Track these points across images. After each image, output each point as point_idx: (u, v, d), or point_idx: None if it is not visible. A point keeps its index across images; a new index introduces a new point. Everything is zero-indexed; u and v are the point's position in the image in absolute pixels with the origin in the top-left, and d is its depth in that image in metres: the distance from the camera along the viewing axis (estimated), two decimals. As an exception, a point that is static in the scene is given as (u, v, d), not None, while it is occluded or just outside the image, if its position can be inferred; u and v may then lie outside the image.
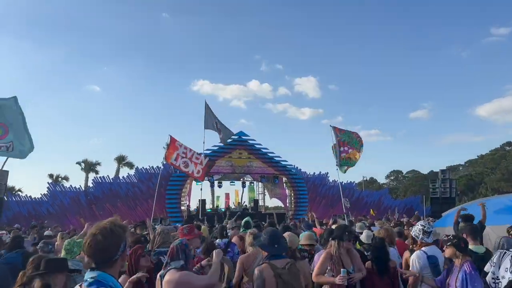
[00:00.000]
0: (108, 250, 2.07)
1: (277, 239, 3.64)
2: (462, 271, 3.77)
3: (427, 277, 4.26)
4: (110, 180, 24.12)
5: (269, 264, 3.45)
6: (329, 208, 25.70)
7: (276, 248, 3.55)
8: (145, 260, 4.38)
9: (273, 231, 3.78)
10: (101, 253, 2.06)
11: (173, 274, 3.15)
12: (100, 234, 2.06)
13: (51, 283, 3.32)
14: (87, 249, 2.07)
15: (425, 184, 42.02)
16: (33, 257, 3.97)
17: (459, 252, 3.89)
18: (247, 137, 25.63)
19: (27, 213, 21.15)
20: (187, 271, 3.22)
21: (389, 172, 69.05)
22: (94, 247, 2.05)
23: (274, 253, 3.53)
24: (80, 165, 44.15)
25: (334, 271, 4.20)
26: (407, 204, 28.59)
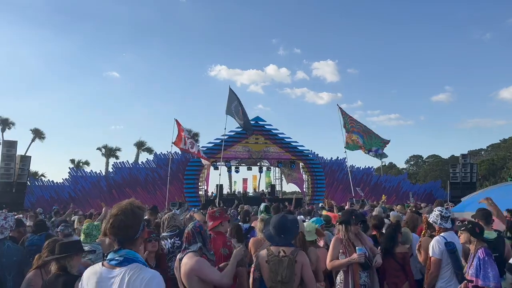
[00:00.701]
0: (131, 228, 2.13)
1: (283, 228, 3.47)
2: (476, 258, 3.71)
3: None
4: (130, 165, 24.53)
5: (267, 249, 3.44)
6: (346, 193, 25.57)
7: (282, 238, 3.44)
8: (152, 245, 4.44)
9: (278, 219, 3.57)
10: (125, 232, 2.11)
11: (191, 257, 3.17)
12: (122, 214, 2.12)
13: (67, 265, 3.40)
14: (110, 229, 2.12)
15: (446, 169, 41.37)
16: (48, 240, 4.07)
17: (474, 238, 3.83)
18: (263, 122, 25.58)
19: (50, 197, 21.73)
20: (203, 259, 3.22)
21: (408, 157, 68.22)
22: (117, 227, 2.10)
23: (280, 243, 3.43)
24: (101, 150, 45.00)
25: (346, 254, 4.18)
26: (426, 189, 28.22)
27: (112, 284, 2.01)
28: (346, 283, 4.16)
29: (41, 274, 3.74)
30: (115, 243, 2.12)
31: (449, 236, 4.35)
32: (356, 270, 4.13)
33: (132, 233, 2.14)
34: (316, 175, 26.10)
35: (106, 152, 44.69)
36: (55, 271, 3.36)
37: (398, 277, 4.62)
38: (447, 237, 4.31)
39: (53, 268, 3.39)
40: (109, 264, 2.07)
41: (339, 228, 4.48)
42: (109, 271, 2.05)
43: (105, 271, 2.06)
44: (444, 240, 4.27)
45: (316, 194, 25.46)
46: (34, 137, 42.78)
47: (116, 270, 2.04)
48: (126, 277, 2.00)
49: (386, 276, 4.66)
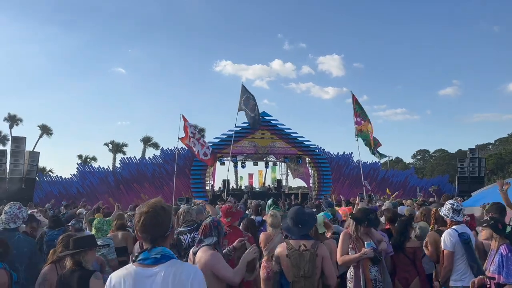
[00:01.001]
0: (163, 225, 2.12)
1: (301, 219, 3.52)
2: (499, 254, 3.63)
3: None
4: (137, 160, 24.66)
5: (286, 243, 3.44)
6: (353, 188, 25.55)
7: (300, 228, 3.47)
8: None
9: (296, 211, 3.65)
10: (158, 229, 2.10)
11: (205, 251, 3.19)
12: (153, 211, 2.11)
13: (82, 260, 3.44)
14: (141, 228, 2.09)
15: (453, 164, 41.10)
16: (62, 236, 4.12)
17: (496, 234, 3.72)
18: (269, 117, 25.54)
19: (58, 193, 21.88)
20: (218, 254, 3.24)
21: (415, 152, 67.87)
22: (150, 224, 2.08)
23: (298, 234, 3.47)
24: (108, 146, 45.36)
25: (356, 250, 4.19)
26: (434, 184, 28.07)
27: (152, 282, 1.97)
28: (356, 278, 4.15)
29: (56, 268, 3.79)
30: (146, 242, 2.08)
31: (460, 228, 4.34)
32: (366, 265, 4.14)
33: (164, 230, 2.13)
34: (322, 170, 26.06)
35: (113, 148, 45.02)
36: (70, 266, 3.40)
37: (409, 272, 4.62)
38: (459, 230, 4.31)
39: (68, 263, 3.43)
40: (144, 264, 2.02)
41: (349, 222, 4.48)
42: (146, 270, 1.99)
43: (140, 270, 2.00)
44: (456, 233, 4.26)
45: (323, 189, 25.43)
46: (42, 133, 43.16)
47: (154, 268, 1.99)
48: (170, 274, 1.97)
49: (397, 272, 4.66)
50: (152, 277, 1.97)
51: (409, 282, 4.57)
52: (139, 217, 2.12)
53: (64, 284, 3.30)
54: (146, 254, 2.04)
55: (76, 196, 21.56)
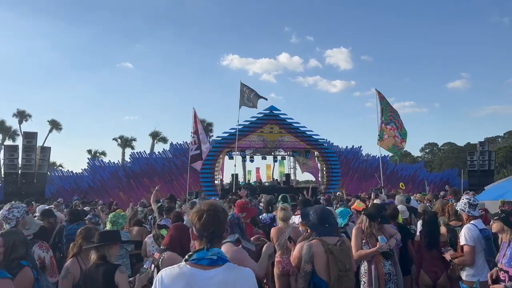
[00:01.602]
0: (223, 225, 2.11)
1: (327, 219, 3.51)
2: (510, 248, 3.65)
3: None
4: (147, 155, 24.82)
5: (320, 240, 3.36)
6: (362, 182, 25.52)
7: (326, 228, 3.45)
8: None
9: (322, 209, 3.62)
10: (219, 228, 2.07)
11: (229, 247, 3.21)
12: (216, 210, 2.09)
13: (106, 254, 3.51)
14: (202, 226, 2.05)
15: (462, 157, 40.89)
16: (80, 228, 4.22)
17: (508, 227, 3.73)
18: (278, 111, 25.52)
19: (70, 187, 22.13)
20: (242, 250, 3.29)
21: (424, 145, 67.51)
22: (211, 222, 2.04)
23: (324, 233, 3.43)
24: (117, 141, 45.62)
25: (369, 245, 4.24)
26: (443, 178, 27.95)
27: (211, 283, 1.87)
28: (370, 273, 4.20)
29: (78, 261, 3.88)
30: (203, 241, 2.02)
31: (479, 223, 4.35)
32: (379, 259, 4.19)
33: (222, 230, 2.10)
34: (331, 164, 26.04)
35: (122, 143, 45.30)
36: (95, 260, 3.47)
37: (438, 266, 4.66)
38: (478, 225, 4.32)
39: (93, 256, 3.50)
40: (199, 264, 1.92)
41: (362, 218, 4.51)
42: (201, 272, 1.90)
43: (195, 271, 1.90)
44: (476, 228, 4.27)
45: (332, 183, 25.42)
46: (51, 128, 43.50)
47: (210, 271, 1.90)
48: (227, 279, 1.90)
49: (425, 265, 4.71)
50: (207, 280, 1.88)
51: (438, 275, 4.63)
52: (199, 215, 2.07)
53: (89, 278, 3.38)
54: (203, 253, 1.95)
55: (87, 190, 21.80)
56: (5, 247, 3.42)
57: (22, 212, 4.55)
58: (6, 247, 3.41)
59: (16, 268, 3.36)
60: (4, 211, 4.44)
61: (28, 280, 3.38)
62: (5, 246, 3.42)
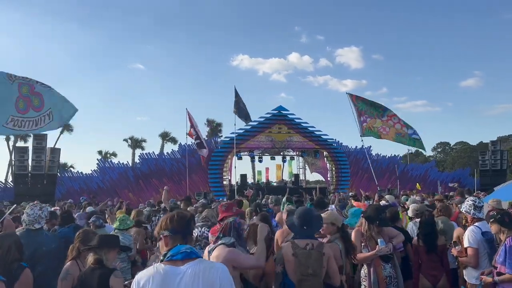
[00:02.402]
0: (190, 224, 2.31)
1: (308, 221, 3.49)
2: (503, 245, 3.68)
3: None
4: (156, 156, 24.90)
5: (291, 243, 3.42)
6: (372, 182, 25.25)
7: (305, 230, 3.46)
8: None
9: (304, 211, 3.62)
10: (188, 226, 2.27)
11: (222, 249, 3.16)
12: (183, 213, 2.33)
13: (104, 258, 3.46)
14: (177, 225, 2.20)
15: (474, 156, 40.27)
16: (79, 231, 4.17)
17: (504, 228, 3.78)
18: (286, 111, 25.44)
19: (79, 188, 22.29)
20: (235, 249, 3.21)
21: (435, 144, 66.72)
22: (184, 222, 2.23)
23: (302, 236, 3.46)
24: (127, 141, 45.95)
25: (369, 248, 4.17)
26: (455, 177, 27.55)
27: (181, 279, 1.97)
28: (370, 277, 4.14)
29: (78, 264, 3.85)
30: (176, 239, 2.14)
31: (483, 225, 4.26)
32: (378, 262, 4.13)
33: (192, 229, 2.27)
34: (340, 164, 25.87)
35: (132, 143, 45.59)
36: (91, 264, 3.44)
37: (437, 269, 4.56)
38: (482, 227, 4.22)
39: (90, 259, 3.46)
40: (172, 260, 2.04)
41: (362, 221, 4.43)
42: (175, 268, 2.01)
43: (169, 268, 2.01)
44: (479, 230, 4.18)
45: (341, 183, 25.26)
46: (63, 130, 43.80)
47: (182, 266, 2.01)
48: (199, 270, 2.00)
49: (424, 268, 4.61)
50: (181, 274, 1.98)
51: (438, 278, 4.52)
52: (170, 217, 2.22)
53: (84, 282, 3.35)
54: (176, 249, 2.07)
55: (96, 191, 21.93)
56: (1, 250, 3.41)
57: (48, 212, 4.72)
58: (2, 250, 3.40)
59: (18, 270, 3.37)
60: (36, 210, 4.43)
61: (30, 281, 3.39)
62: (1, 249, 3.40)
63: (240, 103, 18.99)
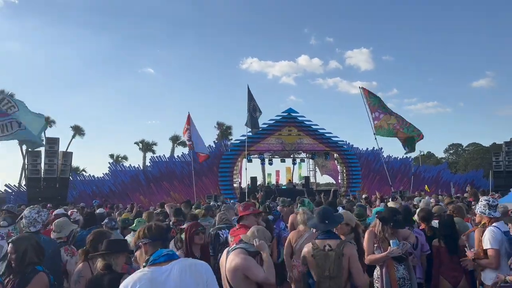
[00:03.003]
0: (168, 232, 2.54)
1: (327, 216, 3.57)
2: None
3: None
4: (166, 159, 25.00)
5: (312, 243, 3.44)
6: (383, 184, 25.04)
7: (326, 224, 3.50)
8: (199, 238, 4.48)
9: (323, 209, 3.74)
10: (166, 233, 2.45)
11: (238, 254, 3.14)
12: (156, 223, 2.54)
13: (113, 263, 3.40)
14: (156, 232, 2.33)
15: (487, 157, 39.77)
16: (90, 234, 4.13)
17: None
18: (296, 114, 25.39)
19: (91, 191, 22.47)
20: (251, 258, 3.17)
21: (448, 146, 65.99)
22: (162, 229, 2.42)
23: (323, 230, 3.49)
24: (138, 145, 46.37)
25: (381, 249, 4.10)
26: (468, 179, 27.20)
27: (168, 276, 2.03)
28: (383, 278, 4.06)
29: (90, 266, 3.83)
30: (157, 245, 2.24)
31: (501, 225, 4.16)
32: (391, 263, 4.05)
33: (169, 237, 2.46)
34: (351, 166, 25.69)
35: (143, 147, 45.99)
36: (100, 269, 3.40)
37: (457, 270, 4.48)
38: (501, 227, 4.13)
39: (99, 264, 3.42)
40: (156, 263, 2.09)
41: (376, 222, 4.37)
42: (160, 268, 2.06)
43: (155, 269, 2.06)
44: (499, 230, 4.08)
45: (352, 186, 25.09)
46: (74, 134, 44.45)
47: (167, 265, 2.07)
48: (185, 266, 2.09)
49: (443, 270, 4.53)
50: (167, 271, 2.04)
51: (458, 279, 4.45)
52: (148, 227, 2.35)
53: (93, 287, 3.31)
54: (159, 252, 2.13)
55: (108, 194, 22.09)
56: (17, 254, 3.40)
57: (47, 216, 4.64)
58: (17, 254, 3.39)
59: (31, 273, 3.32)
60: (33, 214, 4.45)
61: (43, 285, 3.36)
62: (17, 253, 3.40)
63: (250, 109, 18.83)
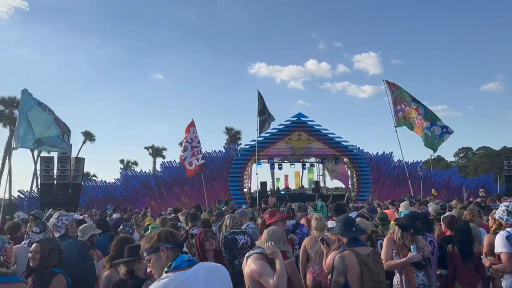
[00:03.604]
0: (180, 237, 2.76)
1: (352, 224, 3.58)
2: None
3: None
4: (177, 164, 25.11)
5: (352, 251, 3.30)
6: (394, 189, 24.92)
7: (354, 231, 3.47)
8: (209, 244, 4.51)
9: (345, 217, 3.74)
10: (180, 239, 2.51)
11: (254, 260, 3.19)
12: (171, 229, 2.55)
13: (135, 268, 3.46)
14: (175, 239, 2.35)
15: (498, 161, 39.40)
16: (114, 240, 4.19)
17: None
18: (306, 118, 25.39)
19: (102, 197, 22.66)
20: (264, 263, 3.18)
21: (457, 150, 65.39)
22: (175, 235, 2.42)
23: (353, 237, 3.43)
24: (148, 150, 46.66)
25: (400, 256, 4.09)
26: (479, 183, 26.95)
27: (195, 277, 2.06)
28: (403, 285, 4.05)
29: (117, 271, 3.90)
30: (177, 251, 2.26)
31: None
32: (410, 270, 4.03)
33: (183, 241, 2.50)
34: (361, 171, 25.59)
35: (152, 152, 46.29)
36: (123, 275, 3.45)
37: (473, 276, 4.48)
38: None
39: (122, 270, 3.48)
40: (179, 269, 2.10)
41: (395, 229, 4.37)
42: (187, 272, 2.08)
43: (181, 273, 2.07)
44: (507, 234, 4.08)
45: (362, 190, 24.98)
46: (85, 139, 44.88)
47: (190, 269, 2.09)
48: (208, 268, 2.17)
49: (458, 276, 4.53)
50: (193, 273, 2.08)
51: (473, 286, 4.45)
52: (168, 232, 2.37)
53: None
54: (180, 258, 2.16)
55: (119, 199, 22.24)
56: (41, 254, 3.50)
57: (70, 220, 4.71)
58: (42, 254, 3.49)
59: (50, 276, 3.43)
60: (53, 219, 4.57)
61: (62, 287, 3.44)
62: (41, 253, 3.50)
63: (260, 111, 18.86)
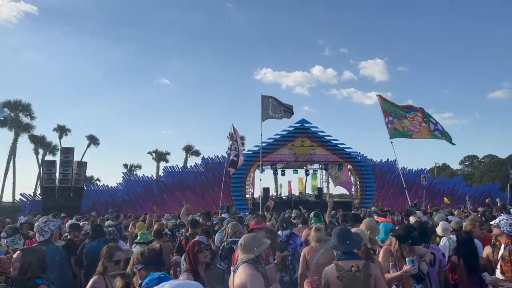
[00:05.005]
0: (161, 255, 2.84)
1: (347, 236, 3.48)
2: None
3: None
4: (179, 169, 25.09)
5: (335, 265, 3.32)
6: (398, 196, 24.70)
7: (348, 244, 3.40)
8: (203, 256, 4.40)
9: (341, 229, 3.64)
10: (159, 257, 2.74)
11: (245, 269, 3.11)
12: (151, 246, 2.82)
13: (131, 281, 3.39)
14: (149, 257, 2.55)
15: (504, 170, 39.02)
16: (104, 247, 4.09)
17: None
18: (309, 124, 25.29)
19: (105, 201, 22.63)
20: (256, 274, 3.12)
21: (463, 157, 64.90)
22: (155, 254, 2.73)
23: (344, 251, 3.38)
24: (152, 155, 46.67)
25: (397, 268, 3.94)
26: (484, 192, 26.66)
27: None
28: None
29: (105, 279, 3.82)
30: (150, 270, 2.33)
31: None
32: (408, 283, 3.88)
33: (163, 260, 2.61)
34: (365, 178, 25.40)
35: (156, 156, 46.29)
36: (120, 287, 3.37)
37: None
38: None
39: (118, 284, 3.39)
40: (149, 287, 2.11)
41: (392, 240, 4.24)
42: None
43: None
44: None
45: (366, 198, 24.78)
46: (89, 143, 44.93)
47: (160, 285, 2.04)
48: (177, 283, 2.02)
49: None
50: None
51: None
52: (141, 253, 2.53)
53: None
54: (151, 276, 2.14)
55: (121, 204, 22.20)
56: (21, 263, 3.37)
57: (57, 226, 4.65)
58: (22, 264, 3.37)
59: (32, 287, 3.30)
60: (40, 223, 4.53)
61: None
62: (22, 262, 3.38)
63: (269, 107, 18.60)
